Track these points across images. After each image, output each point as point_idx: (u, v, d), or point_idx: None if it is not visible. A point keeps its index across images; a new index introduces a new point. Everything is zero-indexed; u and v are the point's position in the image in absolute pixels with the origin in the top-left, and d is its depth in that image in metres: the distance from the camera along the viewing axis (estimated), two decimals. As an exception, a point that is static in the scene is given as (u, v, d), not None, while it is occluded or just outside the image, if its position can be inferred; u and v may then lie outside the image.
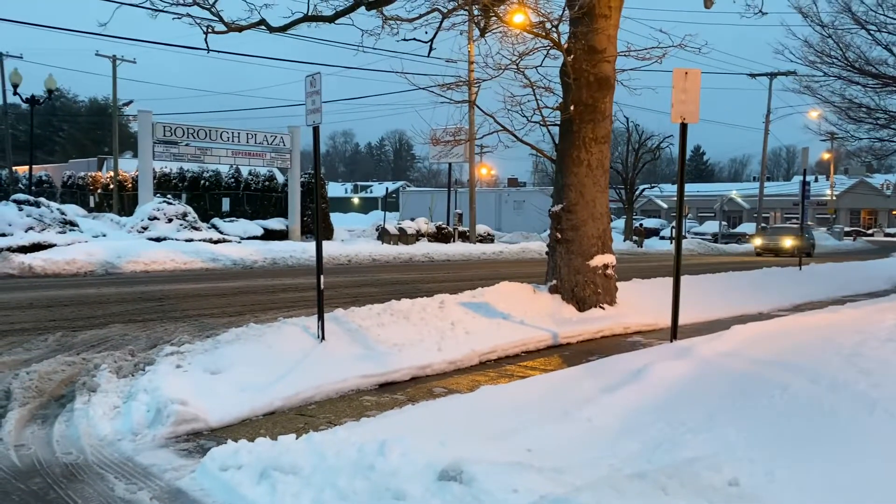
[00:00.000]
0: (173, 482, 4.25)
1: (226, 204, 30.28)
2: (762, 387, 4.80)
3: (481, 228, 33.80)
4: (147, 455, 4.74)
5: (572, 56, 10.08)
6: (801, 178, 21.54)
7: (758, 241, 36.02)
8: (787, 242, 33.06)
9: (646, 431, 4.60)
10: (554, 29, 10.15)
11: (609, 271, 10.54)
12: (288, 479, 3.83)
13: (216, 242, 22.51)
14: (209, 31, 10.81)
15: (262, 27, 10.95)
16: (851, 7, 16.16)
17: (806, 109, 28.44)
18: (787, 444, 3.99)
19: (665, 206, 73.67)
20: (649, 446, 4.31)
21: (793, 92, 21.23)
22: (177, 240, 21.56)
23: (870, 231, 62.68)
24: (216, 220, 26.88)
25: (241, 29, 10.94)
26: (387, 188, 55.64)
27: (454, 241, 31.07)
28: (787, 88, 30.57)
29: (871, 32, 16.39)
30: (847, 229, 59.89)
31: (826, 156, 57.46)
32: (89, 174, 39.16)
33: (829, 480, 3.61)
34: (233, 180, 30.90)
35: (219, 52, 18.13)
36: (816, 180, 66.89)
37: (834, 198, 60.48)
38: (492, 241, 33.71)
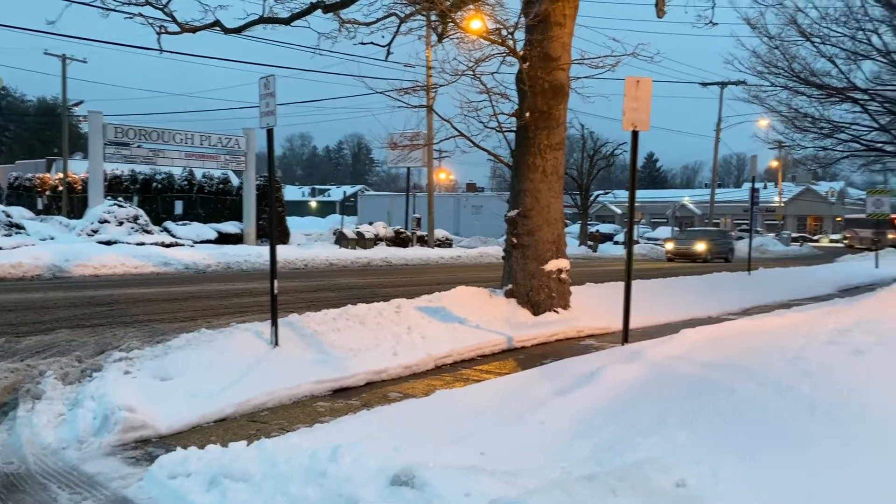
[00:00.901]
0: (120, 491, 4.16)
1: (179, 207, 29.74)
2: (710, 389, 4.90)
3: (440, 233, 33.87)
4: (93, 463, 4.63)
5: (528, 63, 10.18)
6: (750, 185, 22.11)
7: (669, 246, 34.14)
8: (700, 247, 31.49)
9: (597, 434, 4.67)
10: (510, 36, 10.25)
11: (563, 276, 10.66)
12: (238, 487, 3.79)
13: (168, 246, 22.11)
14: (162, 31, 10.64)
15: (217, 28, 10.82)
16: (797, 20, 16.66)
17: (755, 118, 29.32)
18: (733, 446, 4.08)
19: (619, 211, 74.82)
20: (600, 449, 4.37)
21: (742, 101, 21.92)
22: (128, 243, 21.12)
23: (815, 237, 64.60)
24: (169, 224, 26.38)
25: (194, 30, 10.78)
26: (344, 192, 55.44)
27: (412, 245, 31.07)
28: (738, 98, 31.43)
29: (816, 45, 16.92)
30: (794, 235, 61.59)
31: (774, 164, 59.09)
32: (37, 176, 38.04)
33: (771, 481, 3.70)
34: (186, 183, 30.37)
35: (172, 52, 17.86)
36: (765, 187, 68.63)
37: (782, 204, 62.14)
38: (450, 245, 33.80)
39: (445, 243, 33.54)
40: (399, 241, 30.88)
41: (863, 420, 4.08)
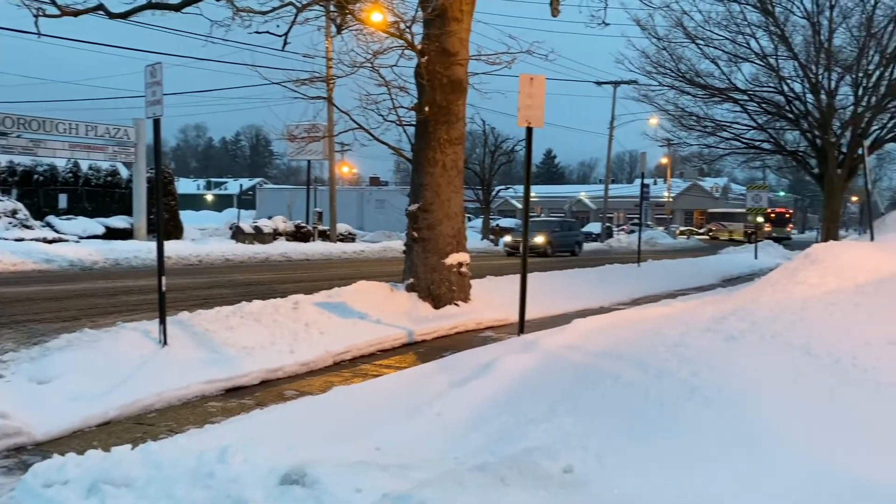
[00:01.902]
0: (-11, 504, 3.91)
1: (63, 200, 28.07)
2: (598, 377, 5.09)
3: (342, 227, 33.50)
4: (-41, 476, 4.32)
5: (426, 57, 10.22)
6: (640, 180, 23.07)
7: (507, 239, 31.50)
8: (539, 239, 28.64)
9: (491, 424, 4.76)
10: (408, 30, 10.24)
11: (464, 269, 10.79)
12: (119, 493, 3.62)
13: (51, 242, 20.86)
14: (40, 13, 9.98)
15: (101, 12, 10.26)
16: (683, 22, 17.47)
17: (645, 117, 30.47)
18: (618, 431, 4.26)
19: (520, 206, 76.22)
20: (493, 438, 4.46)
21: (634, 100, 22.72)
22: (5, 239, 19.79)
23: (702, 230, 68.09)
24: (52, 218, 24.88)
25: (76, 13, 10.17)
26: (241, 185, 53.91)
27: (314, 240, 30.58)
28: (629, 97, 32.49)
29: (700, 47, 17.80)
30: (682, 228, 64.70)
31: (664, 160, 61.81)
32: None
33: (653, 463, 3.89)
34: (71, 175, 28.71)
35: (53, 37, 16.79)
36: (655, 183, 71.68)
37: (671, 199, 65.16)
38: (353, 240, 33.51)
39: (348, 238, 33.23)
40: (300, 235, 30.34)
41: (735, 400, 4.34)
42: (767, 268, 19.80)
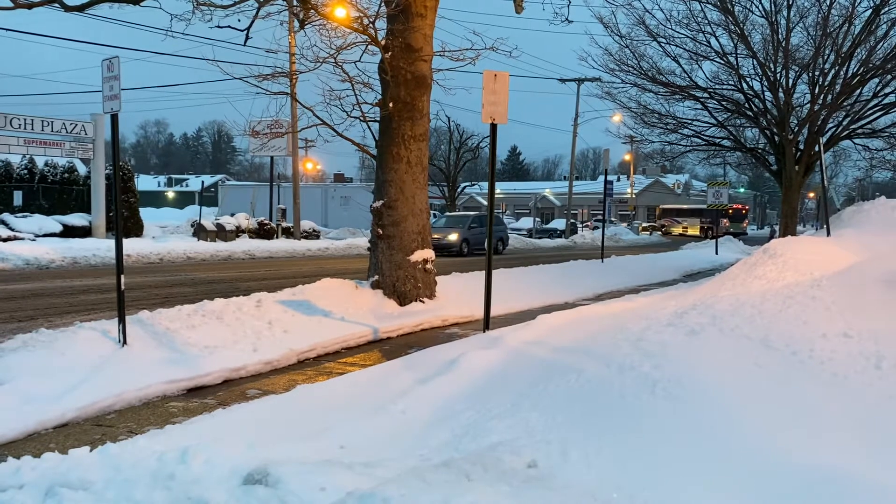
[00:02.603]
0: (-61, 510, 3.79)
1: (18, 198, 27.37)
2: (561, 372, 5.12)
3: (306, 224, 33.21)
4: None
5: (390, 53, 10.17)
6: (604, 177, 23.30)
7: None
8: (452, 237, 26.22)
9: (456, 420, 4.76)
10: (371, 25, 10.18)
11: (429, 266, 10.77)
12: (77, 496, 3.54)
13: (6, 240, 20.33)
14: (-8, 5, 9.70)
15: (57, 5, 10.00)
16: (645, 20, 17.67)
17: (609, 114, 30.77)
18: (582, 425, 4.29)
19: (485, 202, 76.57)
20: (458, 434, 4.46)
21: (597, 97, 22.90)
22: (-44, 238, 19.20)
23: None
24: (6, 216, 24.22)
25: (30, 6, 9.89)
26: (202, 182, 53.10)
27: (277, 237, 30.28)
28: (593, 94, 33.01)
29: (662, 45, 18.03)
30: (645, 224, 65.53)
31: (627, 157, 62.50)
32: None
33: (616, 456, 3.93)
34: (26, 172, 28.01)
35: (6, 30, 16.36)
36: (619, 180, 72.59)
37: (634, 196, 65.90)
38: (317, 237, 33.24)
39: (313, 235, 32.96)
40: (263, 233, 30.01)
41: (696, 393, 4.41)
42: (728, 263, 20.16)
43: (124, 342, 6.80)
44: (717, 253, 25.76)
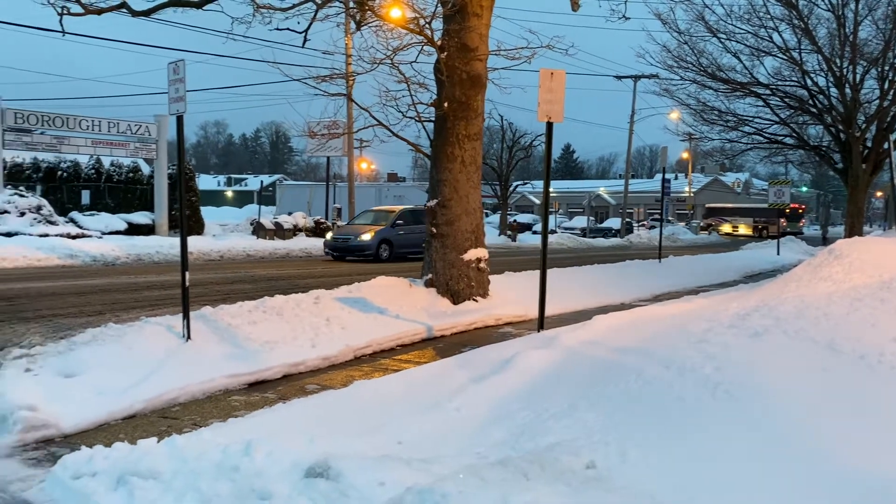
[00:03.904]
0: (20, 494, 3.98)
1: (86, 197, 28.40)
2: (620, 373, 5.08)
3: (360, 223, 33.57)
4: (-10, 467, 4.41)
5: (445, 53, 10.21)
6: (661, 175, 22.90)
7: (329, 236, 23.11)
8: (366, 237, 20.89)
9: (512, 419, 4.76)
10: (427, 25, 10.23)
11: (482, 265, 10.79)
12: (147, 485, 3.68)
13: (74, 237, 21.13)
14: (64, 12, 10.11)
15: (124, 10, 10.36)
16: (704, 16, 17.34)
17: (666, 111, 30.24)
18: (640, 426, 4.24)
19: (537, 201, 76.10)
20: (514, 433, 4.46)
21: (654, 94, 22.57)
22: (30, 235, 20.05)
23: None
24: (75, 214, 25.19)
25: (100, 12, 10.28)
26: (261, 181, 54.18)
27: (332, 235, 30.67)
28: (650, 91, 32.49)
29: (722, 41, 17.66)
30: (703, 223, 64.10)
31: (685, 155, 61.28)
32: (-73, 163, 35.55)
33: (675, 458, 3.87)
34: (94, 172, 29.03)
35: (76, 35, 16.98)
36: (676, 178, 71.25)
37: (691, 194, 64.59)
38: (371, 235, 33.55)
39: (366, 233, 33.30)
40: (320, 231, 30.43)
41: (759, 398, 4.31)
42: (790, 264, 19.60)
43: (188, 337, 7.01)
44: (778, 253, 25.07)
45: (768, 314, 5.56)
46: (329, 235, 23.06)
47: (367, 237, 20.93)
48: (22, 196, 22.28)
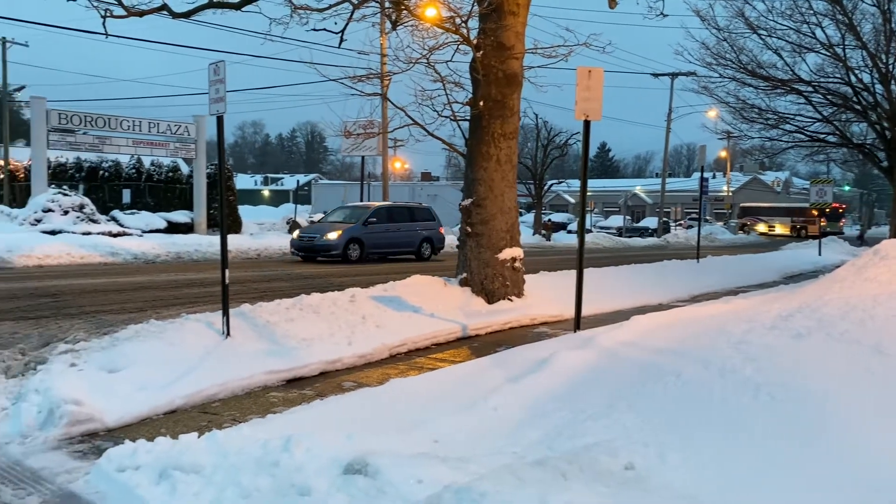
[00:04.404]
0: (66, 486, 4.08)
1: (126, 196, 29.01)
2: (658, 374, 5.02)
3: (394, 222, 33.72)
4: (38, 458, 4.53)
5: (481, 52, 10.20)
6: (699, 174, 22.57)
7: (295, 235, 21.20)
8: (332, 235, 19.40)
9: (548, 419, 4.74)
10: (463, 24, 10.24)
11: (517, 264, 10.75)
12: (189, 479, 3.74)
13: (116, 235, 21.60)
14: (108, 14, 10.33)
15: (165, 12, 10.54)
16: (744, 12, 17.05)
17: (704, 109, 29.77)
18: (680, 428, 4.19)
19: (572, 200, 75.65)
20: (551, 434, 4.44)
21: (692, 92, 22.24)
22: (73, 233, 20.54)
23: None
24: (116, 213, 25.74)
25: (141, 14, 10.48)
26: (298, 181, 54.72)
27: (367, 234, 30.84)
28: (688, 88, 32.02)
29: (762, 37, 17.35)
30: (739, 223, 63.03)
31: (723, 154, 60.34)
32: (-24, 163, 36.63)
33: (717, 461, 3.82)
34: (134, 171, 29.63)
35: (118, 37, 17.35)
36: (714, 177, 70.11)
37: (730, 194, 63.59)
38: (405, 234, 33.67)
39: (401, 232, 33.43)
40: (354, 230, 30.65)
41: (802, 400, 4.23)
42: (832, 265, 19.18)
43: (228, 334, 7.11)
44: (820, 254, 24.54)
45: (811, 315, 5.44)
46: (296, 234, 20.95)
47: (332, 236, 19.38)
48: (66, 195, 22.82)
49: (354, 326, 8.07)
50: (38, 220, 21.26)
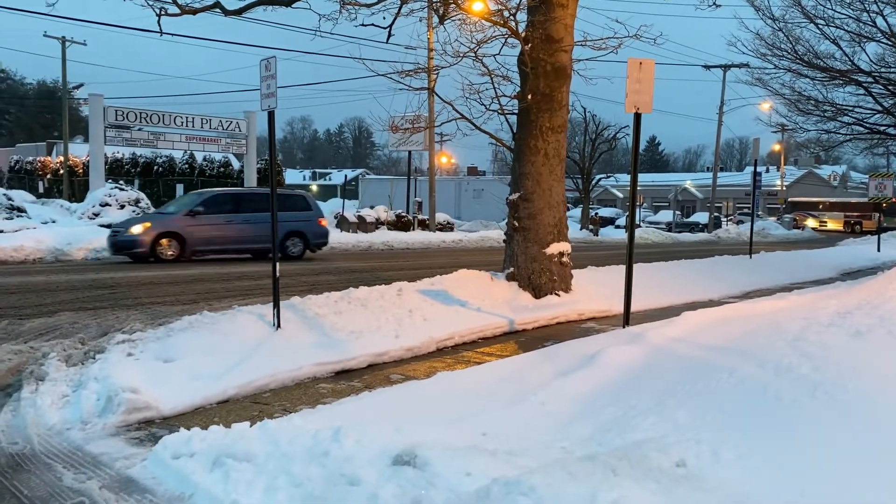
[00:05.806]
0: (124, 471, 4.20)
1: (180, 190, 29.72)
2: (710, 371, 4.92)
3: (441, 217, 33.82)
4: (97, 444, 4.67)
5: (530, 45, 10.12)
6: (752, 168, 22.02)
7: (141, 228, 16.87)
8: (136, 228, 16.31)
9: (598, 415, 4.70)
10: (511, 17, 10.18)
11: (565, 259, 10.66)
12: (242, 467, 3.81)
13: (170, 229, 22.09)
14: (162, 13, 10.58)
15: (217, 10, 10.74)
16: (801, 1, 16.55)
17: (758, 101, 29.10)
18: (734, 426, 4.10)
19: (620, 195, 74.65)
20: (600, 429, 4.40)
21: (745, 84, 21.79)
22: (129, 227, 21.08)
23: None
24: (170, 207, 26.39)
25: (195, 12, 10.71)
26: (345, 175, 55.24)
27: (414, 229, 31.03)
28: (740, 80, 31.19)
29: (820, 27, 16.82)
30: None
31: (777, 147, 58.75)
32: (38, 159, 37.99)
33: (772, 460, 3.72)
34: (187, 166, 30.35)
35: (173, 35, 17.72)
36: (767, 171, 68.30)
37: (784, 188, 61.94)
38: (451, 229, 33.76)
39: (447, 227, 33.51)
40: (401, 224, 30.85)
41: (863, 399, 4.10)
42: (892, 261, 18.56)
43: (278, 325, 7.22)
44: (879, 250, 23.74)
45: (871, 312, 5.27)
46: (139, 228, 16.44)
47: (137, 229, 16.11)
48: (122, 189, 23.48)
49: (401, 320, 8.11)
50: (96, 214, 21.92)
